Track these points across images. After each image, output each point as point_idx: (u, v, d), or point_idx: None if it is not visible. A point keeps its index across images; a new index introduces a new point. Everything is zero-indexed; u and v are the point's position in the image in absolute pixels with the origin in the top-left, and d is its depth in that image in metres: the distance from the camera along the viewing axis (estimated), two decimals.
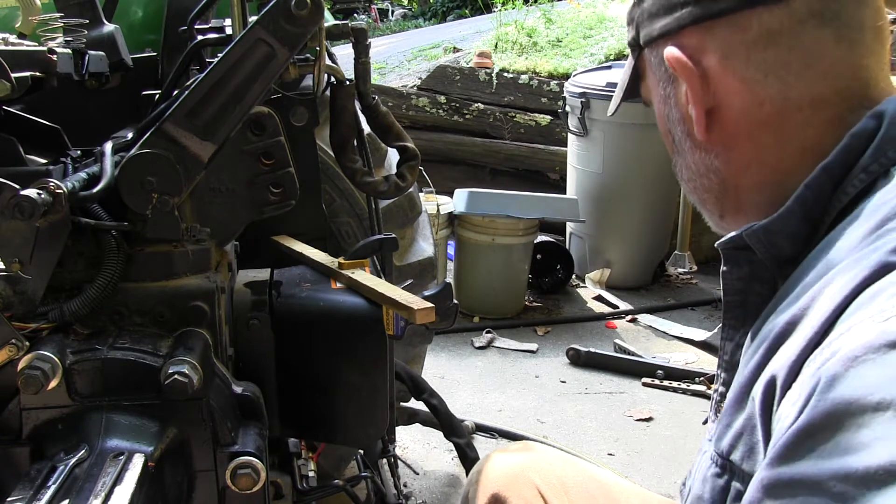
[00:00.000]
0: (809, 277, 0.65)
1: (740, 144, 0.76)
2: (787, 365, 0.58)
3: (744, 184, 0.78)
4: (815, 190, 0.69)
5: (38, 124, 1.38)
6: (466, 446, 2.06)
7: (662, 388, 3.10)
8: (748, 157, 0.76)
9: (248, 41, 1.04)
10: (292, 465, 1.41)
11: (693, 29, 0.76)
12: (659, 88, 0.84)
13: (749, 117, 0.75)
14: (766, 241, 0.71)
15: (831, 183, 0.69)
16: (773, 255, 0.72)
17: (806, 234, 0.70)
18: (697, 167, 0.82)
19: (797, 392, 0.55)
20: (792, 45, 0.71)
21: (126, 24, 2.59)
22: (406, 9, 16.74)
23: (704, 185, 0.82)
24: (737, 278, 0.77)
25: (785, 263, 0.71)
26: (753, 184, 0.78)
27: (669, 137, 0.86)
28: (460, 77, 5.06)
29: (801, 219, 0.70)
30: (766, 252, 0.72)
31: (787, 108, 0.73)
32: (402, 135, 1.45)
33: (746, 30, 0.73)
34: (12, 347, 0.96)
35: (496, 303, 3.82)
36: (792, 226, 0.70)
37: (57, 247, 0.99)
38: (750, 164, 0.77)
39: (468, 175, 4.98)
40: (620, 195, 4.10)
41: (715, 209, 0.84)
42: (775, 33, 0.72)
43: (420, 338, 2.06)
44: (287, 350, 1.22)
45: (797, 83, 0.72)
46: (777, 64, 0.72)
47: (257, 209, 1.17)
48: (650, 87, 0.87)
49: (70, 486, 0.86)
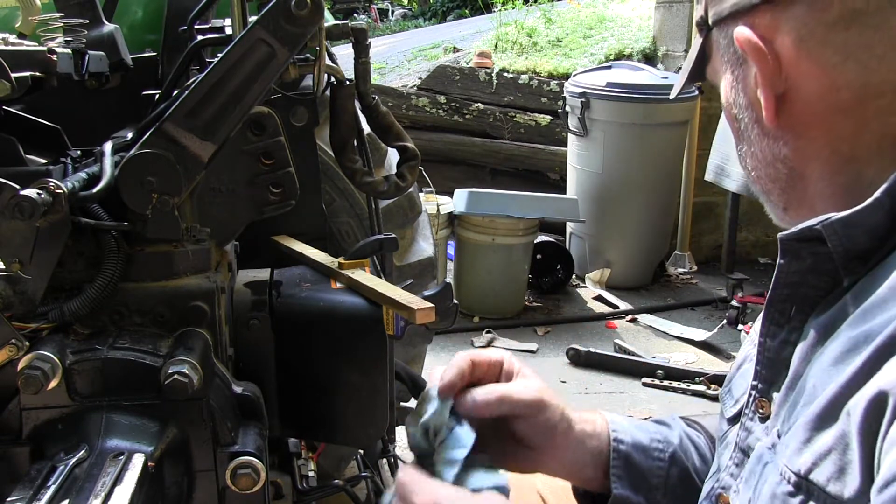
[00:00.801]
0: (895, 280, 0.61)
1: (812, 132, 0.72)
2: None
3: (814, 174, 0.74)
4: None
5: (38, 124, 1.38)
6: None
7: (662, 388, 3.10)
8: (820, 145, 0.72)
9: (248, 41, 1.04)
10: (292, 465, 1.42)
11: (767, 7, 0.71)
12: (727, 71, 0.78)
13: (824, 103, 0.70)
14: (843, 233, 0.66)
15: None
16: (847, 249, 0.67)
17: (886, 229, 0.65)
18: (764, 155, 0.77)
19: None
20: (877, 24, 0.66)
21: (126, 24, 2.59)
22: (406, 9, 16.74)
23: (771, 175, 0.77)
24: (793, 271, 0.72)
25: (855, 258, 0.67)
26: (824, 174, 0.73)
27: (736, 124, 0.80)
28: (460, 77, 5.05)
29: (888, 212, 0.65)
30: (839, 246, 0.67)
31: (867, 93, 0.68)
32: (402, 135, 1.45)
33: (826, 9, 0.68)
34: (12, 347, 0.96)
35: (496, 303, 3.82)
36: (875, 219, 0.65)
37: (57, 247, 0.99)
38: (822, 153, 0.72)
39: (468, 175, 4.98)
40: (620, 195, 4.10)
41: (780, 201, 0.79)
42: (859, 12, 0.66)
43: (420, 338, 2.06)
44: (287, 350, 1.22)
45: (880, 67, 0.67)
46: (859, 46, 0.67)
47: (257, 209, 1.17)
48: (716, 70, 0.81)
49: (70, 486, 0.86)
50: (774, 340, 0.75)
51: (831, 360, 0.64)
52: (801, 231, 0.70)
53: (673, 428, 1.01)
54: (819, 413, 0.62)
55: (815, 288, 0.71)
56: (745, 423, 0.79)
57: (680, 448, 0.98)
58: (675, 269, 4.46)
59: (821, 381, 0.64)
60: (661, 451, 0.96)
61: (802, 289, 0.72)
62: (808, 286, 0.72)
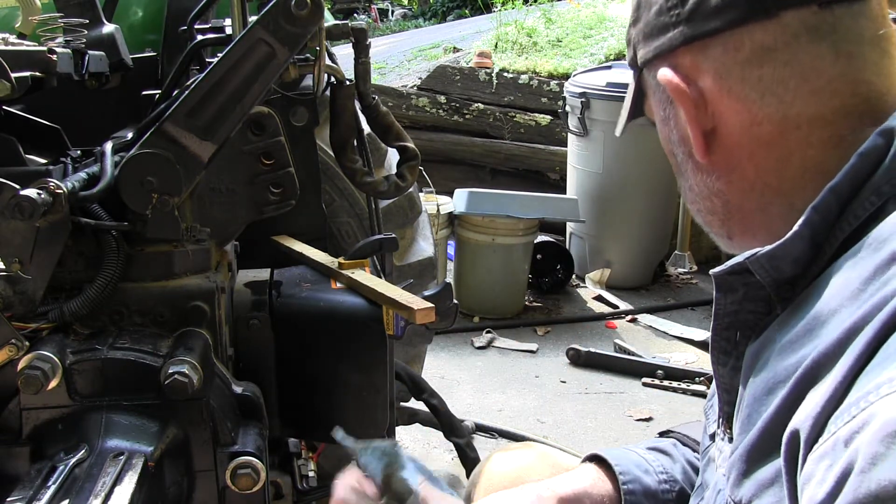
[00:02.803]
0: (821, 309, 0.62)
1: (742, 165, 0.74)
2: (811, 419, 0.56)
3: (748, 206, 0.76)
4: (823, 212, 0.66)
5: (38, 124, 1.38)
6: (466, 446, 2.06)
7: (662, 388, 3.10)
8: (750, 178, 0.74)
9: (248, 41, 1.04)
10: (292, 465, 1.42)
11: (686, 49, 0.74)
12: (659, 110, 0.82)
13: (748, 137, 0.72)
14: (769, 266, 0.68)
15: (839, 205, 0.66)
16: (774, 279, 0.69)
17: (809, 257, 0.67)
18: (700, 189, 0.79)
19: (829, 459, 0.53)
20: (787, 60, 0.69)
21: (126, 24, 2.59)
22: (406, 9, 16.74)
23: (708, 208, 0.80)
24: (730, 302, 0.74)
25: (784, 284, 0.69)
26: (758, 206, 0.75)
27: (673, 158, 0.84)
28: (460, 77, 5.05)
29: (808, 242, 0.67)
30: (767, 277, 0.69)
31: (786, 126, 0.70)
32: (402, 135, 1.45)
33: (739, 48, 0.70)
34: (12, 347, 0.96)
35: (496, 303, 3.82)
36: (798, 250, 0.67)
37: (57, 247, 0.99)
38: (753, 185, 0.74)
39: (468, 175, 4.98)
40: (620, 195, 4.10)
41: (722, 231, 0.81)
42: (769, 50, 0.69)
43: (420, 338, 2.05)
44: (287, 350, 1.22)
45: (794, 100, 0.70)
46: (773, 81, 0.70)
47: (257, 209, 1.18)
48: (651, 108, 0.85)
49: (70, 486, 0.86)
50: (725, 367, 0.77)
51: (762, 391, 0.65)
52: (731, 266, 0.72)
53: (675, 460, 1.03)
54: (753, 444, 0.64)
55: (754, 313, 0.73)
56: (718, 444, 0.81)
57: (684, 481, 1.00)
58: (675, 269, 4.46)
59: (755, 410, 0.66)
60: (668, 491, 0.98)
61: (741, 315, 0.74)
62: (747, 312, 0.74)
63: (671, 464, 1.01)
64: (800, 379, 0.60)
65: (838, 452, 0.52)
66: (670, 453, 1.03)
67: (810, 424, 0.56)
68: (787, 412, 0.60)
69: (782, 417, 0.60)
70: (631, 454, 1.01)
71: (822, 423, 0.55)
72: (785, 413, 0.60)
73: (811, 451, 0.55)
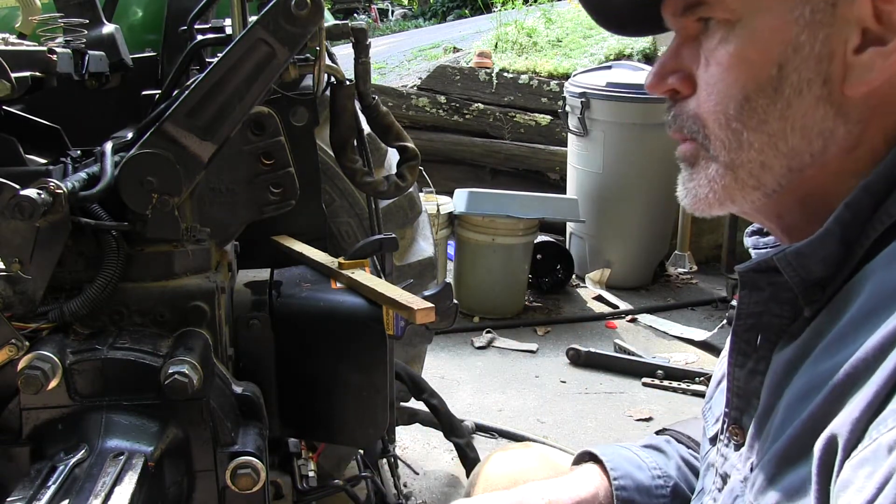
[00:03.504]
0: (858, 312, 0.59)
1: (877, 122, 0.64)
2: (850, 424, 0.53)
3: (834, 169, 0.66)
4: (855, 210, 0.62)
5: (38, 124, 1.38)
6: (466, 446, 2.06)
7: (662, 388, 3.10)
8: (868, 139, 0.64)
9: (248, 41, 1.04)
10: (292, 465, 1.41)
11: None
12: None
13: None
14: (797, 264, 0.64)
15: (872, 203, 0.62)
16: (802, 279, 0.65)
17: (840, 258, 0.64)
18: (805, 124, 0.65)
19: (870, 466, 0.51)
20: None
21: (126, 24, 2.59)
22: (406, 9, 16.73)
23: (793, 148, 0.66)
24: (755, 301, 0.70)
25: (812, 287, 0.65)
26: (850, 172, 0.65)
27: (768, 70, 0.65)
28: (460, 77, 5.05)
29: (839, 241, 0.63)
30: (795, 276, 0.65)
31: None
32: (402, 135, 1.45)
33: None
34: (12, 347, 0.96)
35: (496, 303, 3.82)
36: (828, 249, 0.63)
37: (57, 247, 0.99)
38: (859, 148, 0.65)
39: (468, 175, 4.98)
40: (620, 195, 4.10)
41: (773, 181, 0.68)
42: None
43: (420, 338, 2.06)
44: (287, 350, 1.22)
45: None
46: None
47: (257, 209, 1.17)
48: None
49: (70, 486, 0.86)
50: (743, 370, 0.73)
51: (796, 398, 0.63)
52: (757, 263, 0.68)
53: (669, 456, 1.01)
54: (783, 451, 0.62)
55: (779, 316, 0.69)
56: (721, 450, 0.78)
57: (679, 477, 0.98)
58: (675, 269, 4.46)
59: (787, 417, 0.63)
60: (662, 486, 0.97)
61: (766, 317, 0.70)
62: (772, 314, 0.70)
63: (665, 460, 1.01)
64: (837, 384, 0.57)
65: (880, 459, 0.50)
66: (664, 450, 1.03)
67: (849, 430, 0.53)
68: (823, 418, 0.57)
69: (816, 423, 0.58)
70: (623, 451, 1.01)
71: (863, 428, 0.53)
72: (820, 419, 0.57)
73: (849, 457, 0.53)
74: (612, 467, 0.96)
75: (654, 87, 0.75)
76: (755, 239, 0.83)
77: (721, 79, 0.68)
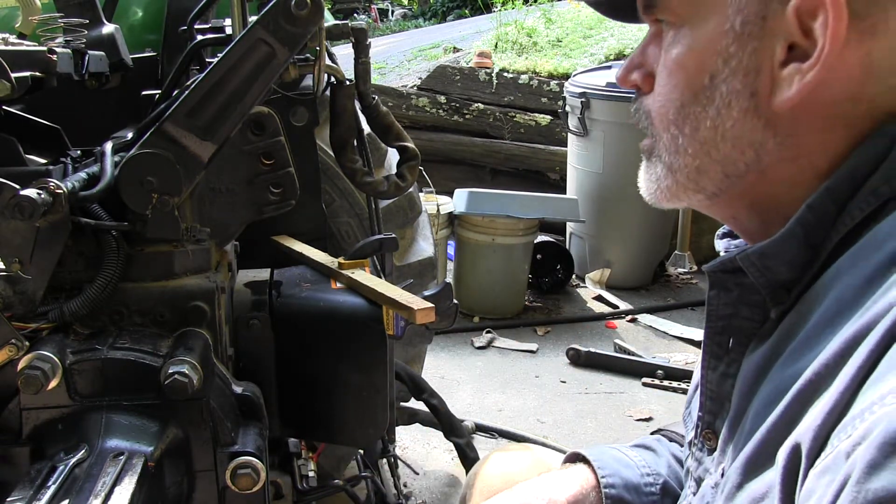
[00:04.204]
0: (820, 317, 0.59)
1: (809, 134, 0.64)
2: (812, 432, 0.53)
3: (776, 177, 0.66)
4: (818, 211, 0.62)
5: (38, 124, 1.38)
6: (466, 446, 2.06)
7: (662, 388, 3.10)
8: (806, 151, 0.65)
9: (248, 41, 1.04)
10: (292, 465, 1.41)
11: None
12: (728, 8, 0.64)
13: (839, 108, 0.62)
14: (760, 265, 0.65)
15: (835, 205, 0.62)
16: (768, 281, 0.65)
17: (805, 260, 0.64)
18: (734, 134, 0.66)
19: (830, 474, 0.50)
20: None
21: (126, 24, 2.59)
22: (406, 9, 16.74)
23: (726, 156, 0.67)
24: (724, 303, 0.71)
25: (779, 288, 0.66)
26: (794, 181, 0.66)
27: (702, 79, 0.66)
28: (460, 77, 5.05)
29: (802, 243, 0.63)
30: (760, 277, 0.65)
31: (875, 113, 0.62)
32: (402, 135, 1.45)
33: None
34: (12, 347, 0.96)
35: (496, 303, 3.82)
36: (791, 250, 0.63)
37: (57, 247, 0.99)
38: (798, 159, 0.65)
39: (468, 175, 4.98)
40: (620, 195, 4.09)
41: (711, 184, 0.69)
42: None
43: (420, 338, 2.06)
44: (287, 350, 1.22)
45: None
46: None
47: (257, 209, 1.17)
48: (695, 2, 0.66)
49: (70, 486, 0.86)
50: (715, 373, 0.74)
51: (763, 403, 0.63)
52: (722, 263, 0.69)
53: (660, 454, 1.01)
54: (750, 457, 0.61)
55: (749, 319, 0.70)
56: (696, 454, 0.78)
57: (669, 475, 0.98)
58: (675, 269, 4.46)
59: (756, 423, 0.63)
60: (652, 484, 0.96)
61: (736, 321, 0.71)
62: (741, 318, 0.70)
63: (655, 458, 1.00)
64: (800, 391, 0.57)
65: (839, 466, 0.50)
66: (654, 449, 1.02)
67: (811, 437, 0.53)
68: (786, 425, 0.57)
69: (780, 430, 0.58)
70: (612, 451, 1.00)
71: (825, 436, 0.52)
72: (783, 426, 0.58)
73: (813, 465, 0.53)
74: (599, 466, 0.96)
75: (620, 80, 0.76)
76: (726, 242, 0.84)
77: (666, 82, 0.69)
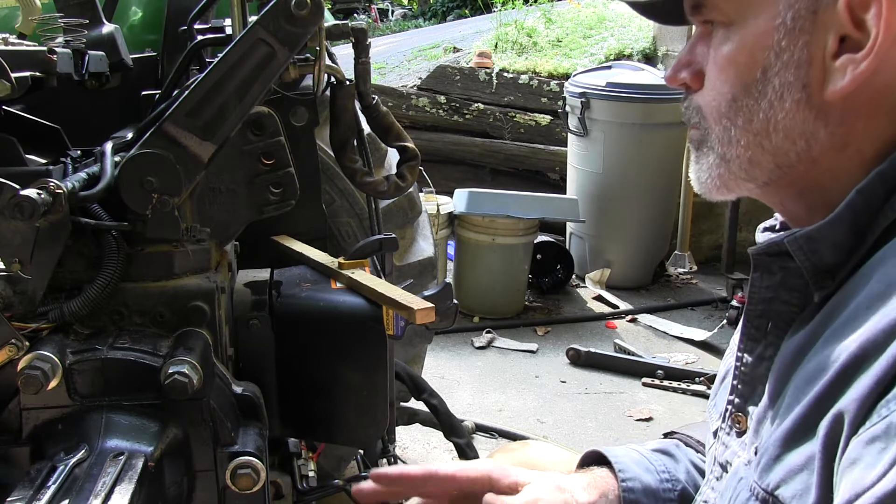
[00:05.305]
0: (864, 297, 0.60)
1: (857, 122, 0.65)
2: (857, 402, 0.55)
3: (824, 165, 0.68)
4: (868, 196, 0.63)
5: (38, 124, 1.38)
6: (466, 446, 2.06)
7: (662, 388, 3.10)
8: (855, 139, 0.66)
9: (248, 41, 1.04)
10: (292, 465, 1.41)
11: None
12: (779, 4, 0.65)
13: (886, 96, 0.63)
14: (808, 249, 0.65)
15: (885, 190, 0.63)
16: (813, 264, 0.66)
17: (851, 245, 0.65)
18: (786, 125, 0.67)
19: (881, 442, 0.52)
20: None
21: (126, 24, 2.59)
22: (406, 9, 16.73)
23: (778, 147, 0.68)
24: (766, 286, 0.71)
25: (823, 273, 0.66)
26: (843, 169, 0.67)
27: (753, 73, 0.68)
28: (460, 77, 5.05)
29: (849, 228, 0.64)
30: (806, 261, 0.66)
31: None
32: (402, 135, 1.45)
33: None
34: (12, 347, 0.96)
35: (496, 303, 3.82)
36: (838, 235, 0.64)
37: (57, 247, 0.99)
38: (847, 147, 0.66)
39: (468, 175, 4.97)
40: (620, 195, 4.10)
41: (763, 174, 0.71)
42: None
43: (420, 338, 2.06)
44: (287, 350, 1.22)
45: None
46: None
47: (257, 209, 1.17)
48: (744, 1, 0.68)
49: (70, 486, 0.86)
50: (751, 355, 0.75)
51: (804, 381, 0.64)
52: (769, 246, 0.70)
53: (678, 460, 1.01)
54: (790, 430, 0.62)
55: (789, 304, 0.71)
56: (722, 438, 0.79)
57: (688, 482, 0.98)
58: (675, 269, 4.45)
59: (794, 399, 0.64)
60: (670, 490, 0.96)
61: (776, 304, 0.72)
62: (782, 301, 0.71)
63: (674, 464, 1.00)
64: (844, 365, 0.58)
65: (890, 434, 0.51)
66: (673, 454, 1.02)
67: (856, 406, 0.54)
68: (829, 398, 0.58)
69: (822, 403, 0.59)
70: (632, 452, 1.00)
71: (870, 405, 0.54)
72: (826, 399, 0.59)
73: (856, 433, 0.54)
74: (620, 469, 0.96)
75: (669, 79, 0.79)
76: (766, 235, 0.84)
77: (717, 77, 0.72)
